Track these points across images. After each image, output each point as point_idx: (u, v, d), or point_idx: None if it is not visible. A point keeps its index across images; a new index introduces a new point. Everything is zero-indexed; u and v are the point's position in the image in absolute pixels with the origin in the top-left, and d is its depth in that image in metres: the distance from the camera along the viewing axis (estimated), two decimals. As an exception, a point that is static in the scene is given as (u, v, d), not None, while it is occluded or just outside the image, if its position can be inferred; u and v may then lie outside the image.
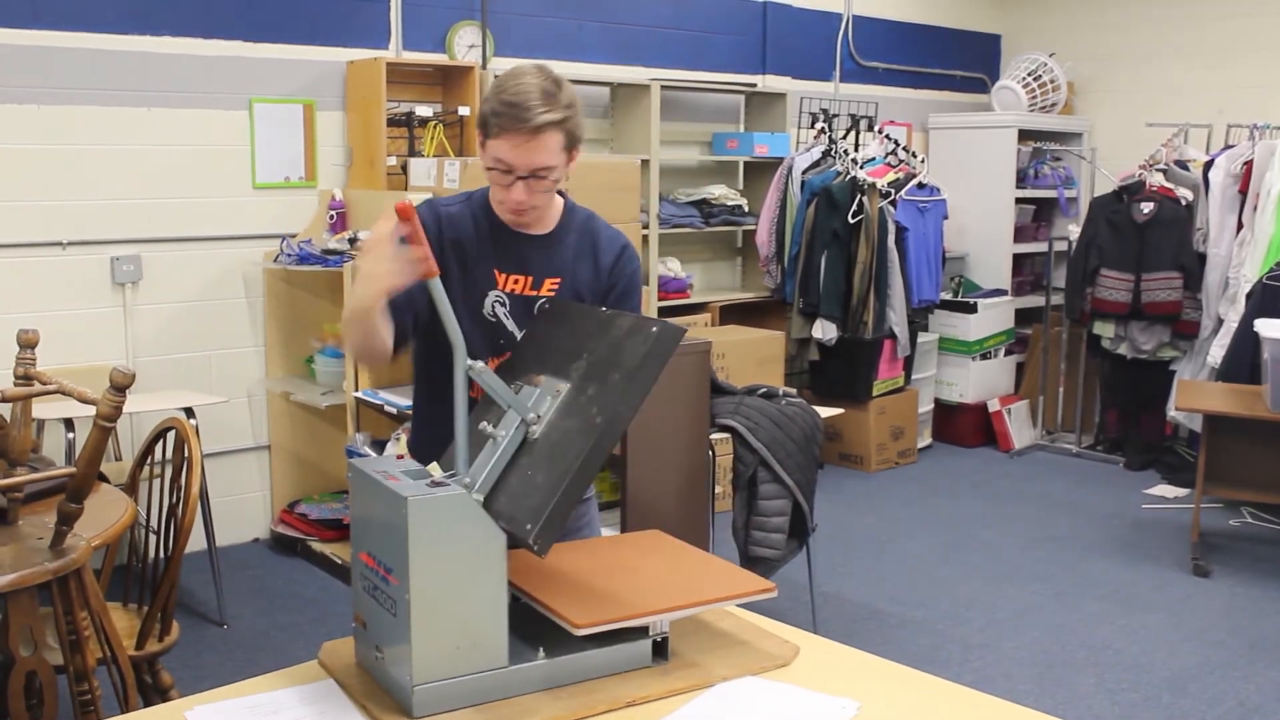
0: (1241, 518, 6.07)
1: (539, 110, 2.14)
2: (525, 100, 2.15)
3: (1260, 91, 7.26)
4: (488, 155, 2.23)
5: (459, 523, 1.71)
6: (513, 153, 2.17)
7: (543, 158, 2.18)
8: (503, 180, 2.22)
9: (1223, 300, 6.47)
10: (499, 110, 2.17)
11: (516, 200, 2.23)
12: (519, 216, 2.30)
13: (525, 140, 2.15)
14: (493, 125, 2.18)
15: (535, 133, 2.15)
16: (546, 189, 2.25)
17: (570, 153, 2.25)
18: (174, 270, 5.12)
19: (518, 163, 2.18)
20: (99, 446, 2.38)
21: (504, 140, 2.17)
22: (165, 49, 5.00)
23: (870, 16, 7.71)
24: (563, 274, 2.37)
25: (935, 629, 4.60)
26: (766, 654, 1.93)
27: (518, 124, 2.14)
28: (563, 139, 2.20)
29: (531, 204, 2.26)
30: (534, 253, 2.36)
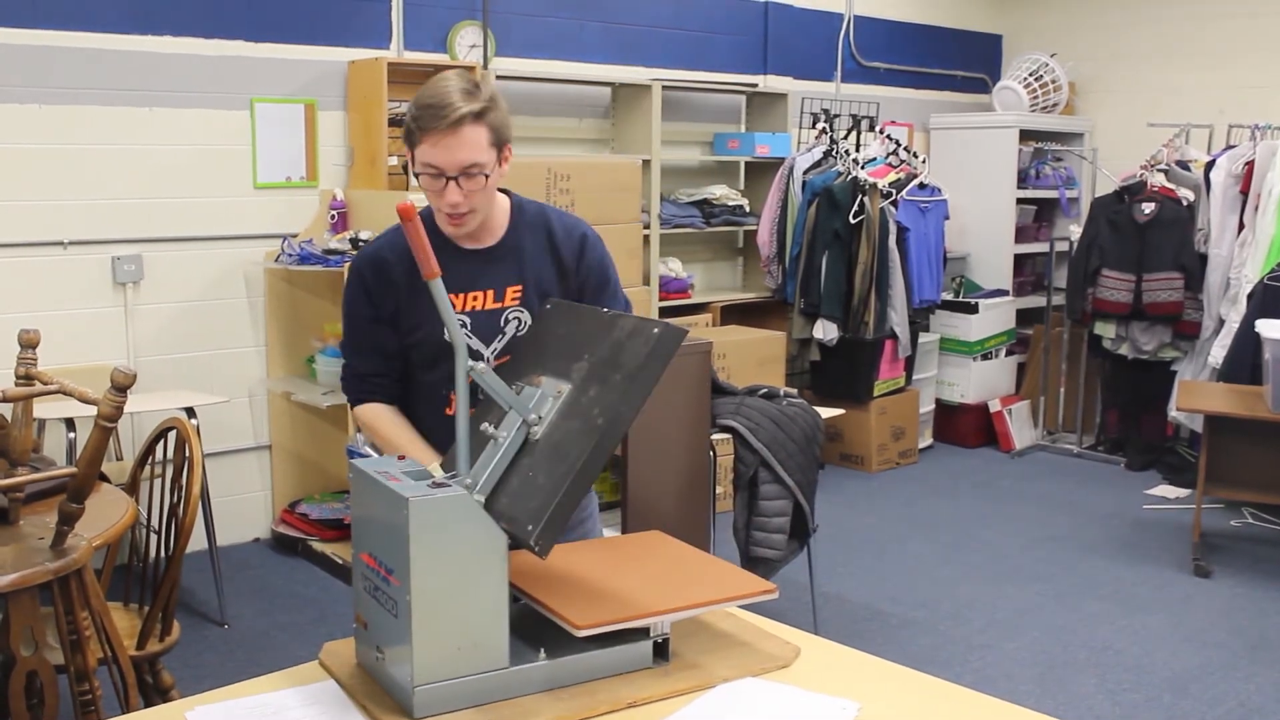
0: (1242, 518, 6.06)
1: (456, 106, 2.14)
2: (442, 99, 2.15)
3: (1261, 92, 7.26)
4: (416, 164, 2.20)
5: (460, 523, 1.71)
6: (437, 153, 2.15)
7: (468, 154, 2.16)
8: (434, 185, 2.19)
9: (1224, 301, 6.47)
10: (418, 114, 2.17)
11: (451, 203, 2.19)
12: (458, 223, 2.25)
13: (447, 137, 2.14)
14: (415, 131, 2.18)
15: (455, 127, 2.14)
16: (480, 188, 2.20)
17: (500, 150, 2.22)
18: (175, 270, 5.12)
19: (445, 162, 2.16)
20: (100, 447, 2.38)
21: (427, 142, 2.16)
22: (166, 49, 5.00)
23: (871, 17, 7.71)
24: (523, 280, 2.34)
25: (936, 629, 4.60)
26: (767, 655, 1.93)
27: (437, 121, 2.13)
28: (487, 134, 2.18)
29: (468, 206, 2.22)
30: (488, 266, 2.33)
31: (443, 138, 2.14)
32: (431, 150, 2.16)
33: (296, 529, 5.32)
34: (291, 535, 5.32)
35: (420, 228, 1.83)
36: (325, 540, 5.22)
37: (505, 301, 2.32)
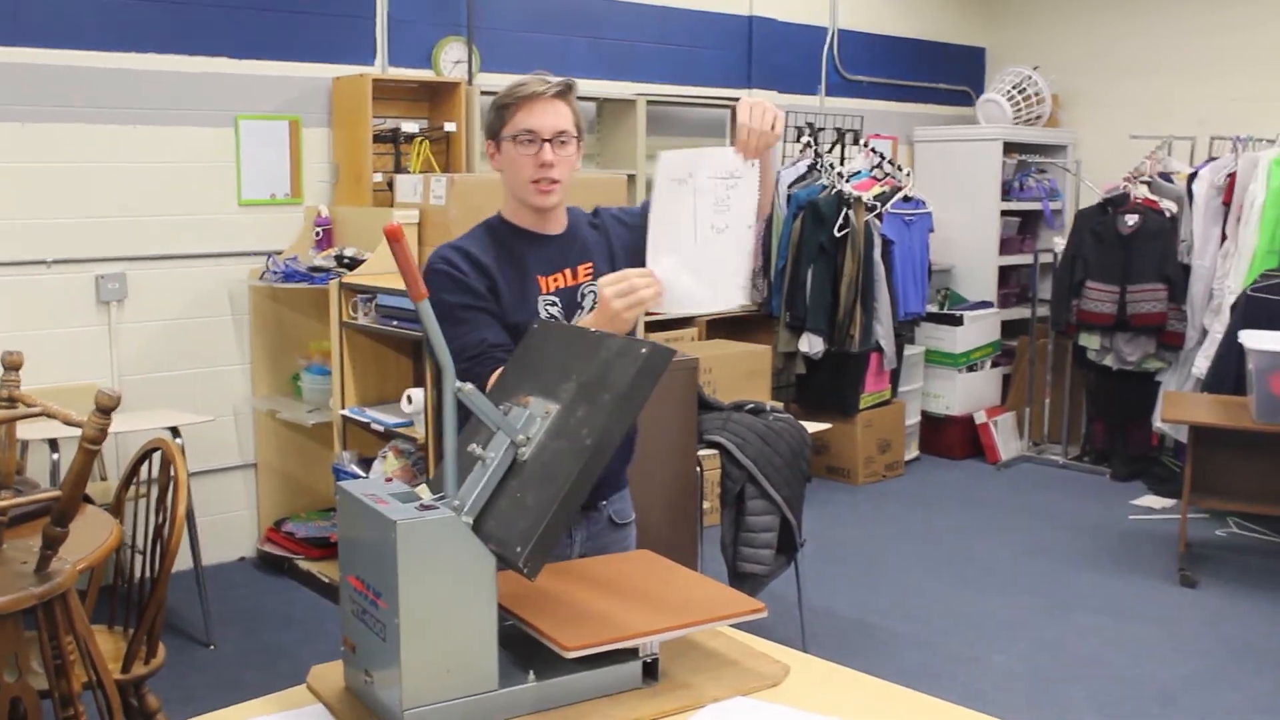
0: (1228, 528, 6.08)
1: (544, 82, 2.38)
2: (531, 80, 2.39)
3: (1243, 104, 7.30)
4: (512, 131, 2.38)
5: (448, 546, 1.71)
6: (534, 118, 2.36)
7: (561, 122, 2.37)
8: (530, 149, 2.37)
9: (1207, 311, 6.49)
10: (512, 92, 2.39)
11: (547, 161, 2.36)
12: (548, 191, 2.40)
13: (544, 103, 2.36)
14: (509, 106, 2.38)
15: (552, 97, 2.37)
16: (568, 157, 2.39)
17: (579, 135, 2.42)
18: (159, 288, 5.10)
19: (541, 125, 2.36)
20: (84, 469, 2.36)
21: (524, 110, 2.37)
22: (150, 66, 4.99)
23: (855, 30, 7.73)
24: (590, 256, 2.50)
25: (925, 643, 4.60)
26: (757, 674, 1.93)
27: (533, 94, 2.36)
28: (572, 115, 2.41)
29: (558, 173, 2.38)
30: (561, 249, 2.48)
31: (539, 104, 2.36)
32: (528, 117, 2.36)
33: (282, 548, 5.30)
34: (277, 554, 5.30)
35: (407, 248, 1.83)
36: (311, 559, 5.20)
37: (579, 278, 2.48)
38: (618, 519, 2.58)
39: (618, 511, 2.59)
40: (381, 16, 5.60)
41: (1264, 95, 7.27)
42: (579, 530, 2.51)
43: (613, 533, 2.57)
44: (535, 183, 2.38)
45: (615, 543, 2.57)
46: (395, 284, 4.58)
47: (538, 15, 6.15)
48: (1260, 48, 7.35)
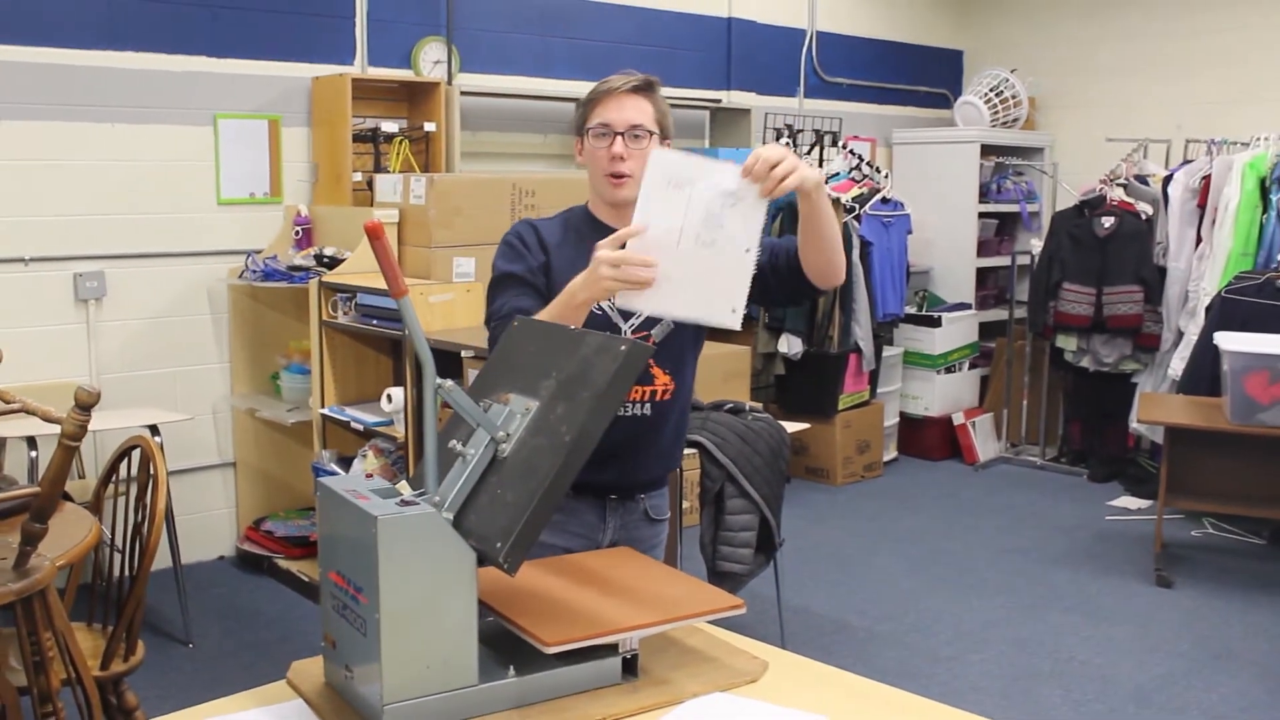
0: (1203, 528, 6.13)
1: (628, 78, 2.47)
2: (614, 78, 2.48)
3: (1218, 107, 7.36)
4: (590, 125, 2.47)
5: (429, 541, 1.71)
6: (609, 111, 2.45)
7: (637, 116, 2.44)
8: (603, 143, 2.45)
9: (1183, 313, 6.55)
10: (594, 89, 2.49)
11: (616, 154, 2.43)
12: (619, 184, 2.46)
13: (620, 98, 2.45)
14: (590, 104, 2.48)
15: (628, 93, 2.45)
16: (643, 152, 2.41)
17: (663, 136, 2.49)
18: (138, 286, 5.09)
19: (615, 119, 2.44)
20: (64, 466, 2.36)
21: (600, 106, 2.46)
22: (129, 64, 4.97)
23: (834, 33, 7.76)
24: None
25: (903, 642, 4.63)
26: (736, 670, 1.94)
27: (611, 89, 2.46)
28: (653, 110, 2.47)
29: (630, 167, 2.43)
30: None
31: (615, 98, 2.45)
32: (604, 110, 2.46)
33: (261, 546, 5.29)
34: (256, 553, 5.29)
35: (388, 245, 1.83)
36: (290, 558, 5.19)
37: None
38: (654, 514, 2.61)
39: (654, 507, 2.61)
40: (361, 16, 5.60)
41: (1238, 99, 7.33)
42: (613, 518, 2.54)
43: (647, 526, 2.60)
44: (609, 175, 2.46)
45: (649, 537, 2.59)
46: (375, 283, 4.59)
47: (517, 16, 6.16)
48: (1235, 51, 7.41)
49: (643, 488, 2.57)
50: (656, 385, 2.49)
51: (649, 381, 2.51)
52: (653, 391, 2.49)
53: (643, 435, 2.49)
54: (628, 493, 2.55)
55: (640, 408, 2.49)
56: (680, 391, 2.55)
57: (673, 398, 2.52)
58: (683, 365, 2.56)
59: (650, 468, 2.56)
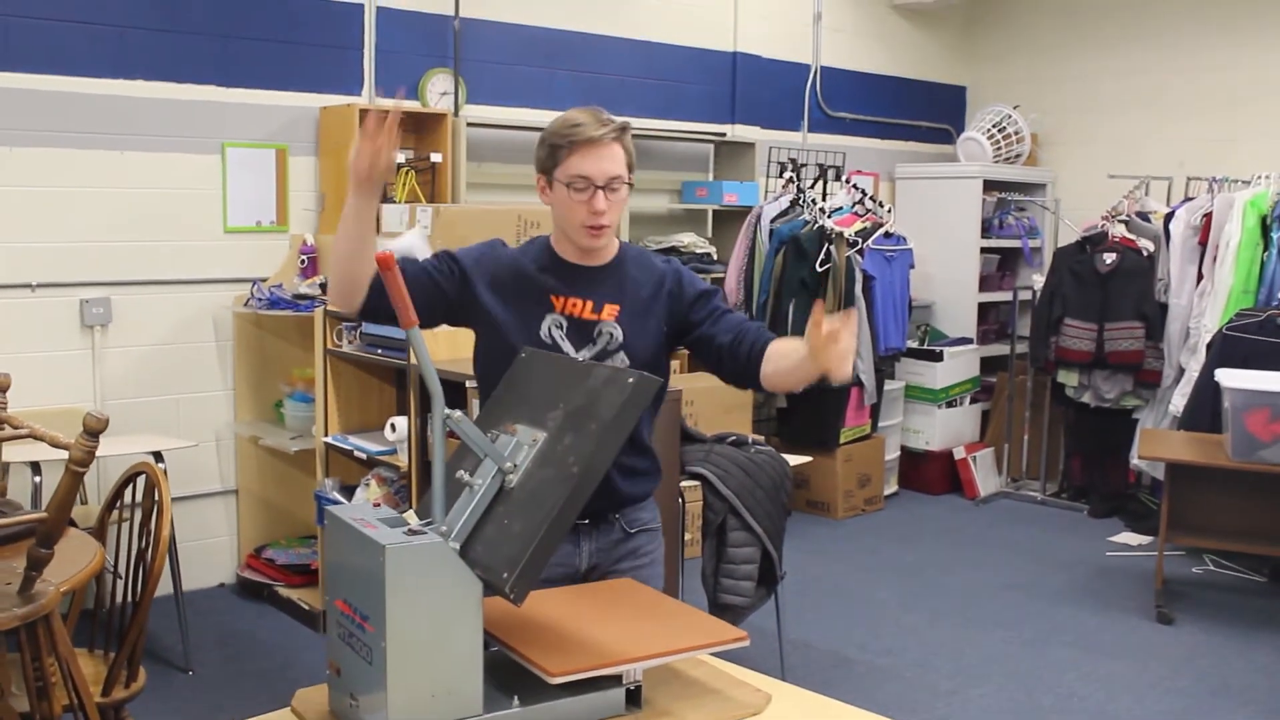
0: (1204, 565, 6.12)
1: (604, 125, 2.41)
2: (587, 120, 2.41)
3: (1219, 145, 7.40)
4: (563, 177, 2.41)
5: (436, 571, 1.73)
6: (588, 163, 2.39)
7: (614, 167, 2.41)
8: (582, 196, 2.40)
9: (1184, 350, 6.56)
10: (564, 132, 2.41)
11: (599, 210, 2.40)
12: (597, 235, 2.44)
13: (599, 148, 2.39)
14: (563, 147, 2.40)
15: (606, 141, 2.40)
16: (620, 201, 2.44)
17: (630, 172, 2.47)
18: (144, 313, 5.11)
19: (595, 172, 2.39)
20: (71, 491, 2.37)
21: (577, 155, 2.39)
22: (139, 93, 5.01)
23: (838, 68, 7.82)
24: (621, 301, 2.51)
25: (903, 676, 4.62)
26: (738, 702, 1.95)
27: (587, 137, 2.39)
28: (624, 154, 2.44)
29: (609, 219, 2.42)
30: (593, 280, 2.51)
31: (594, 149, 2.39)
32: (582, 162, 2.39)
33: (262, 574, 5.28)
34: (257, 581, 5.28)
35: (399, 278, 1.85)
36: (291, 586, 5.19)
37: (601, 315, 2.49)
38: (629, 527, 2.57)
39: (631, 520, 2.57)
40: (369, 47, 5.64)
41: (1240, 136, 7.37)
42: (587, 542, 2.51)
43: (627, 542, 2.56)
44: (587, 228, 2.43)
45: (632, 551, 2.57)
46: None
47: (524, 48, 6.20)
48: (1237, 90, 7.45)
49: (613, 508, 2.54)
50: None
51: None
52: None
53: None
54: (598, 516, 2.52)
55: None
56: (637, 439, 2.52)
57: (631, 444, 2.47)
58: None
59: (612, 492, 2.49)
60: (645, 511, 2.61)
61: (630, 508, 2.57)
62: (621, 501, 2.54)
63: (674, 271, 2.58)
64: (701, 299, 2.55)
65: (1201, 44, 7.60)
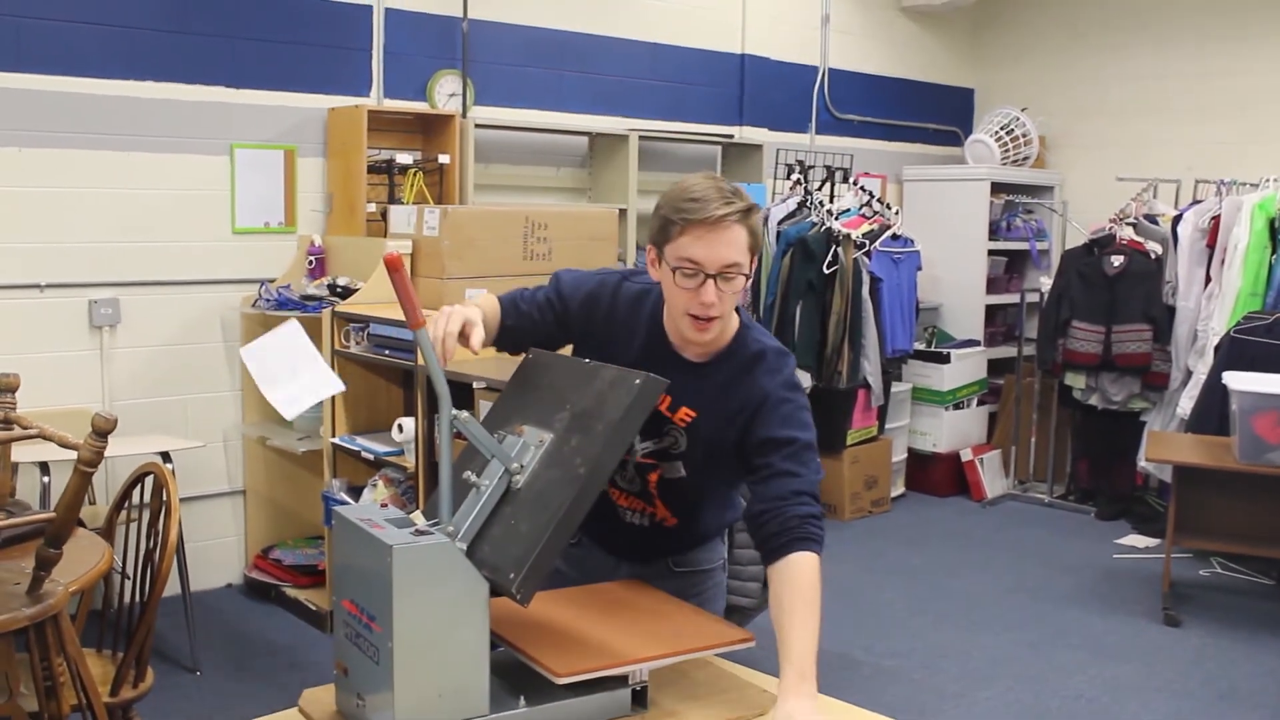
0: (1211, 568, 6.11)
1: (724, 202, 2.09)
2: (709, 195, 2.10)
3: (1227, 148, 7.39)
4: (671, 258, 2.13)
5: (443, 571, 1.73)
6: (700, 248, 2.08)
7: (732, 253, 2.10)
8: (690, 283, 2.11)
9: (1192, 353, 6.55)
10: (681, 207, 2.10)
11: (708, 303, 2.11)
12: (704, 330, 2.16)
13: (715, 231, 2.08)
14: (676, 224, 2.11)
15: (725, 223, 2.08)
16: (735, 291, 2.14)
17: (753, 256, 2.16)
18: (152, 314, 5.12)
19: (707, 258, 2.09)
20: (79, 491, 2.38)
21: (689, 236, 2.09)
22: (147, 94, 5.02)
23: (846, 70, 7.81)
24: (699, 409, 2.24)
25: (910, 678, 4.62)
26: (744, 703, 1.95)
27: (705, 216, 2.08)
28: (748, 237, 2.12)
29: (718, 310, 2.13)
30: (682, 376, 2.20)
31: (709, 232, 2.08)
32: (694, 244, 2.09)
33: (270, 575, 5.29)
34: (264, 581, 5.29)
35: (407, 278, 1.86)
36: (298, 586, 5.19)
37: (676, 416, 2.25)
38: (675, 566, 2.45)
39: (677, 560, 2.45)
40: (378, 49, 5.65)
41: (1248, 139, 7.36)
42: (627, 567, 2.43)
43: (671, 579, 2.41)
44: (693, 318, 2.14)
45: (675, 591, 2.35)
46: (388, 313, 4.61)
47: (532, 50, 6.21)
48: (1245, 93, 7.44)
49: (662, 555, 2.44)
50: (655, 511, 2.35)
51: (649, 502, 2.35)
52: (652, 513, 2.36)
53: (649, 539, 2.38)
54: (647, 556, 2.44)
55: (640, 517, 2.36)
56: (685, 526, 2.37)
57: (676, 528, 2.37)
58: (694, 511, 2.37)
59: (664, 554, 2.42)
60: (693, 554, 2.44)
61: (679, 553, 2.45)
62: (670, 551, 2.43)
63: (762, 399, 2.21)
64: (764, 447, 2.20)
65: (1210, 47, 7.59)
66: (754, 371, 2.23)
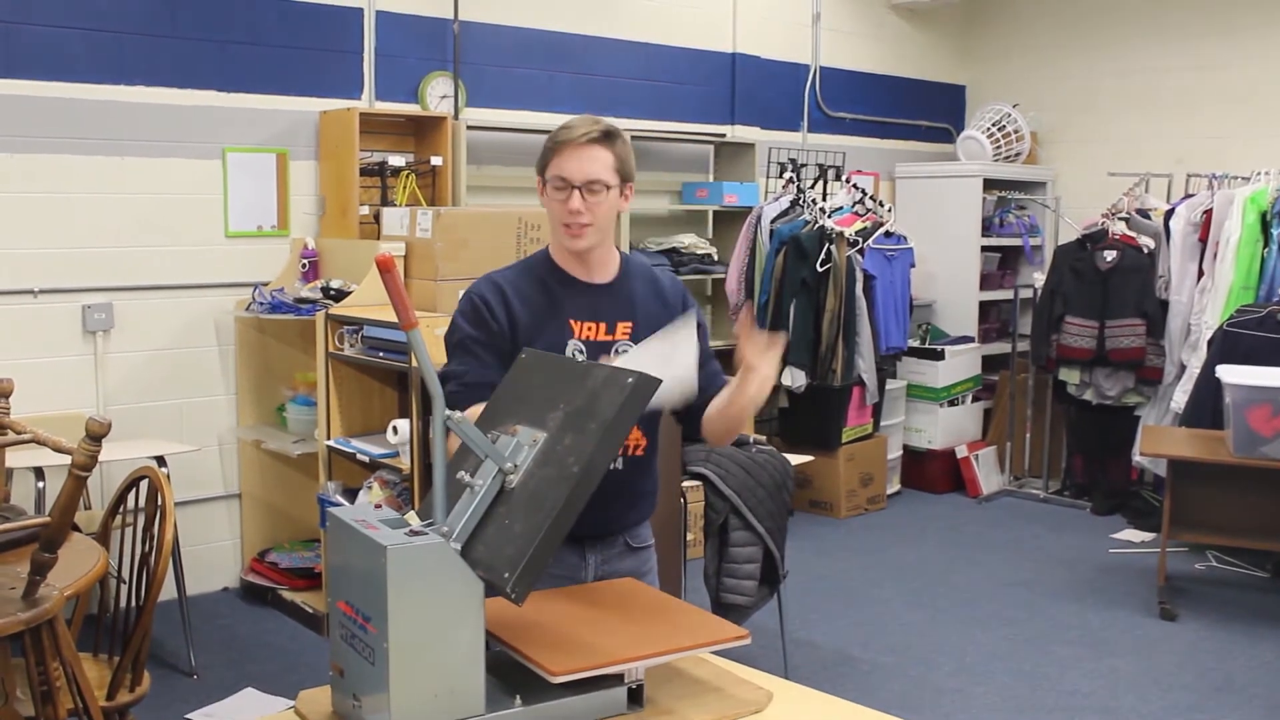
0: (1207, 561, 6.12)
1: (588, 128, 2.43)
2: (577, 124, 2.44)
3: (1218, 142, 7.40)
4: (549, 175, 2.44)
5: (437, 571, 1.73)
6: (566, 163, 2.41)
7: (595, 169, 2.40)
8: (560, 195, 2.42)
9: (1185, 347, 6.56)
10: (555, 134, 2.45)
11: (573, 209, 2.40)
12: (576, 234, 2.44)
13: (577, 150, 2.40)
14: (549, 151, 2.44)
15: (585, 144, 2.40)
16: (600, 203, 2.42)
17: (623, 182, 2.46)
18: (146, 318, 5.12)
19: (572, 172, 2.40)
20: (74, 496, 2.38)
21: (559, 156, 2.42)
22: (139, 99, 5.02)
23: (837, 68, 7.82)
24: (633, 318, 2.53)
25: (906, 674, 4.62)
26: (740, 700, 1.95)
27: (570, 138, 2.41)
28: (612, 159, 2.43)
29: (588, 218, 2.42)
30: (602, 300, 2.52)
31: (574, 151, 2.41)
32: (561, 162, 2.41)
33: (266, 578, 5.29)
34: (261, 584, 5.29)
35: (399, 279, 1.86)
36: (295, 589, 5.19)
37: (615, 335, 2.51)
38: (633, 543, 2.58)
39: (634, 536, 2.58)
40: (369, 51, 5.65)
41: (1239, 133, 7.37)
42: (593, 554, 2.50)
43: (630, 556, 2.57)
44: (565, 226, 2.44)
45: (634, 567, 2.56)
46: (381, 315, 4.61)
47: (523, 51, 6.21)
48: (1236, 86, 7.46)
49: (622, 530, 2.56)
50: (629, 441, 2.48)
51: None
52: (627, 447, 2.49)
53: (618, 488, 2.46)
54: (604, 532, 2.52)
55: (616, 461, 2.47)
56: (651, 449, 2.56)
57: (645, 454, 2.53)
58: (654, 424, 2.56)
59: (626, 515, 2.55)
60: (643, 528, 2.64)
61: (635, 526, 2.59)
62: (626, 525, 2.56)
63: (680, 294, 2.64)
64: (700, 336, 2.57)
65: (1201, 41, 7.61)
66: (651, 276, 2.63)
